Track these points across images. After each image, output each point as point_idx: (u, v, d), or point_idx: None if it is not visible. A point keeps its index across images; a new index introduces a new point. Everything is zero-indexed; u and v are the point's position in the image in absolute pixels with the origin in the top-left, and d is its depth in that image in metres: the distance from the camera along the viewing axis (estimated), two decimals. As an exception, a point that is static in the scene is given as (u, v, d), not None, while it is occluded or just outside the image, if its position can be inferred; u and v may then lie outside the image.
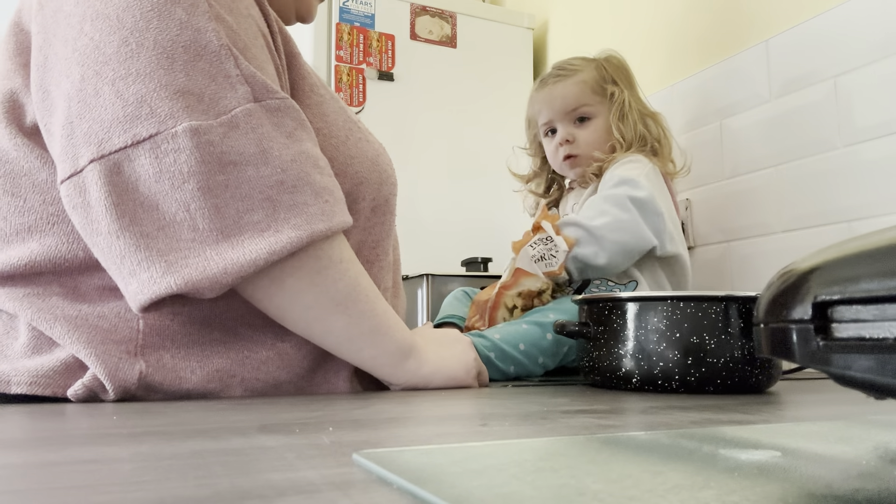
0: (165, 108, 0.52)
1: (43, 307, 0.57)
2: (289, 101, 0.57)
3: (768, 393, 0.65)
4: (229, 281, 0.52)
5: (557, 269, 0.98)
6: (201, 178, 0.52)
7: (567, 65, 1.23)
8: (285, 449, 0.31)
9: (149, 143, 0.52)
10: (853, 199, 1.09)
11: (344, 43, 1.76)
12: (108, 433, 0.37)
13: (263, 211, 0.53)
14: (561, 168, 1.24)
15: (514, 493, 0.21)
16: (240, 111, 0.54)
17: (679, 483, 0.23)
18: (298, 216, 0.54)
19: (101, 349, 0.55)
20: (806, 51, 1.18)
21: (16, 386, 0.55)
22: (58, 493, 0.23)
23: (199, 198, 0.52)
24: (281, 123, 0.56)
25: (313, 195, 0.56)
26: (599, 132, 1.18)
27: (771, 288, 0.26)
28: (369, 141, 0.71)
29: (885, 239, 0.22)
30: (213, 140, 0.52)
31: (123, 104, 0.52)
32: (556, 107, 1.20)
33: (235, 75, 0.54)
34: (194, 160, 0.52)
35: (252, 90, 0.55)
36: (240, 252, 0.52)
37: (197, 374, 0.58)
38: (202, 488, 0.23)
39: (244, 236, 0.53)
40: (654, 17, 1.58)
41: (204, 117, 0.53)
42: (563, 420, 0.43)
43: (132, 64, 0.53)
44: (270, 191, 0.54)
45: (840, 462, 0.27)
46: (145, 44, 0.53)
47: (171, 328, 0.58)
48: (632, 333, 0.66)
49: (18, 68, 0.60)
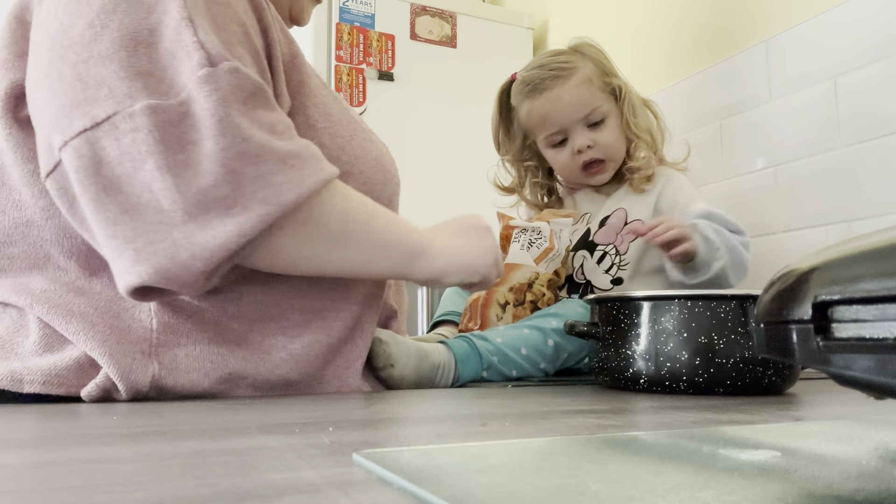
0: (124, 88, 0.51)
1: (59, 303, 0.56)
2: (242, 68, 0.54)
3: (769, 393, 0.65)
4: (201, 266, 0.51)
5: (549, 244, 0.98)
6: (160, 158, 0.50)
7: (558, 63, 1.09)
8: (285, 449, 0.31)
9: (107, 125, 0.50)
10: (853, 199, 1.09)
11: (344, 43, 1.76)
12: (108, 433, 0.37)
13: (228, 185, 0.51)
14: (578, 177, 1.13)
15: (514, 493, 0.21)
16: (195, 80, 0.52)
17: (679, 483, 0.23)
18: (266, 188, 0.52)
19: (116, 349, 0.55)
20: (806, 51, 1.18)
21: (29, 385, 0.54)
22: (58, 493, 0.23)
23: (159, 178, 0.50)
24: (239, 86, 0.53)
25: (277, 162, 0.53)
26: (617, 131, 1.09)
27: (771, 288, 0.26)
28: (373, 141, 0.71)
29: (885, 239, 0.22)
30: (172, 119, 0.51)
31: (84, 87, 0.51)
32: (568, 114, 1.07)
33: (192, 42, 0.52)
34: (153, 139, 0.50)
35: (208, 55, 0.52)
36: (209, 234, 0.51)
37: (210, 377, 0.58)
38: (202, 488, 0.23)
39: (210, 215, 0.51)
40: (654, 17, 1.58)
41: (164, 97, 0.51)
42: (563, 420, 0.43)
43: (94, 46, 0.52)
44: (233, 163, 0.51)
45: (840, 462, 0.27)
46: (110, 26, 0.52)
47: (186, 327, 0.58)
48: (640, 333, 0.66)
49: (15, 58, 0.59)
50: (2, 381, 0.55)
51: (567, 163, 1.11)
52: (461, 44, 1.92)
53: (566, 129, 1.09)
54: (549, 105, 1.08)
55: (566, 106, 1.07)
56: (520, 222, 1.02)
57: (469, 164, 1.89)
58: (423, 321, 1.49)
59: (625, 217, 1.09)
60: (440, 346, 0.80)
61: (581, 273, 1.10)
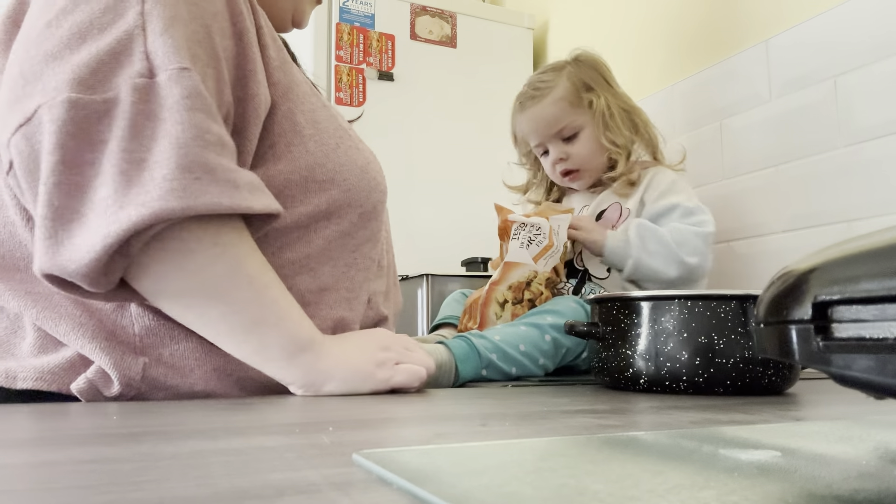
0: (55, 82, 0.50)
1: (47, 306, 0.57)
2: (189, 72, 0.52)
3: (769, 393, 0.65)
4: (75, 269, 0.48)
5: (548, 241, 0.99)
6: (66, 153, 0.49)
7: (539, 82, 1.20)
8: (285, 449, 0.31)
9: (35, 119, 0.50)
10: (853, 199, 1.09)
11: (344, 43, 1.76)
12: (108, 433, 0.37)
13: (113, 185, 0.48)
14: (563, 182, 1.24)
15: (514, 493, 0.21)
16: (129, 85, 0.50)
17: (679, 483, 0.23)
18: (150, 192, 0.48)
19: (106, 344, 0.56)
20: (806, 51, 1.18)
21: (21, 381, 0.56)
22: (58, 493, 0.23)
23: (58, 172, 0.49)
24: (168, 94, 0.51)
25: (180, 170, 0.49)
26: (590, 142, 1.18)
27: (771, 288, 0.26)
28: (359, 149, 0.70)
29: (885, 239, 0.22)
30: (90, 116, 0.49)
31: (24, 83, 0.51)
32: (541, 130, 1.20)
33: (139, 52, 0.51)
34: (65, 132, 0.48)
35: (150, 66, 0.51)
36: (81, 238, 0.48)
37: (196, 373, 0.59)
38: (202, 488, 0.23)
39: (88, 217, 0.49)
40: (654, 17, 1.58)
41: (89, 91, 0.50)
42: (563, 420, 0.43)
43: (44, 45, 0.52)
44: (128, 166, 0.49)
45: (840, 462, 0.27)
46: (63, 24, 0.52)
47: (166, 328, 0.59)
48: (640, 333, 0.66)
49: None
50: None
51: (550, 171, 1.24)
52: (461, 44, 1.92)
53: (544, 143, 1.22)
54: (527, 122, 1.22)
55: (540, 123, 1.20)
56: (518, 217, 1.03)
57: (469, 163, 1.89)
58: (422, 323, 1.49)
59: (620, 210, 1.17)
60: (439, 346, 0.80)
61: (580, 260, 1.16)
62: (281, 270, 0.62)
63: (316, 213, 0.65)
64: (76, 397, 0.56)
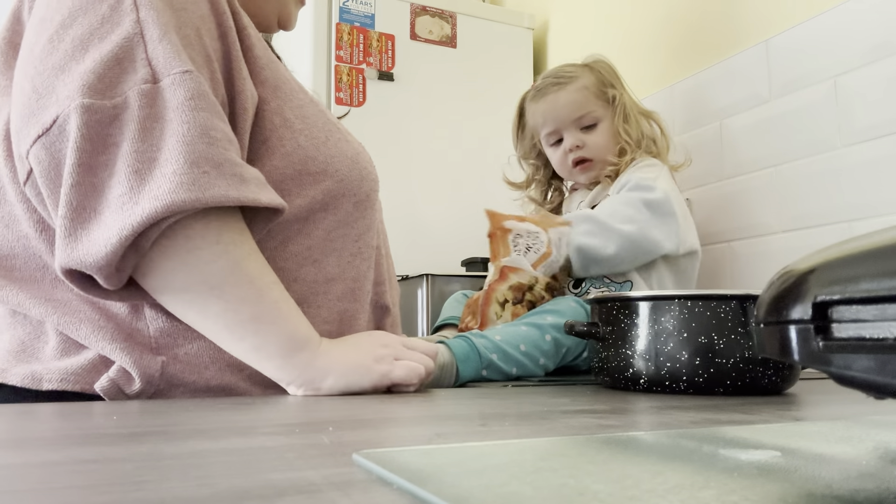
0: (67, 91, 0.53)
1: (67, 311, 0.60)
2: (191, 74, 0.55)
3: (769, 393, 0.65)
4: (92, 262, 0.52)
5: (546, 249, 0.98)
6: (82, 155, 0.52)
7: (562, 72, 1.23)
8: (285, 449, 0.31)
9: (55, 128, 0.53)
10: (853, 199, 1.09)
11: (344, 43, 1.76)
12: (109, 433, 0.37)
13: (127, 183, 0.51)
14: (571, 174, 1.24)
15: (514, 493, 0.21)
16: (136, 91, 0.53)
17: (679, 483, 0.23)
18: (162, 186, 0.51)
19: (125, 345, 0.58)
20: (806, 51, 1.18)
21: (47, 383, 0.58)
22: (58, 493, 0.23)
23: (76, 173, 0.52)
24: (172, 97, 0.54)
25: (189, 165, 0.52)
26: (607, 135, 1.20)
27: (771, 288, 0.26)
28: (349, 141, 0.72)
29: (885, 239, 0.22)
30: (103, 119, 0.53)
31: (38, 97, 0.54)
32: (562, 115, 1.20)
33: (141, 59, 0.54)
34: (80, 136, 0.52)
35: (153, 72, 0.54)
36: (98, 232, 0.52)
37: (210, 369, 0.61)
38: (203, 488, 0.23)
39: (104, 214, 0.52)
40: (654, 17, 1.58)
41: (98, 97, 0.53)
42: (563, 420, 0.43)
43: (50, 59, 0.55)
44: (141, 165, 0.52)
45: (840, 462, 0.27)
46: (65, 38, 0.55)
47: (179, 329, 0.61)
48: (640, 333, 0.66)
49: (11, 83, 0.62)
50: (24, 381, 0.59)
51: (561, 161, 1.24)
52: (461, 44, 1.92)
53: (560, 130, 1.22)
54: (547, 106, 1.22)
55: (562, 108, 1.21)
56: (513, 224, 1.01)
57: (469, 163, 1.89)
58: (423, 323, 1.49)
59: None
60: (440, 346, 0.80)
61: None
62: (286, 263, 0.64)
63: (313, 204, 0.67)
64: (99, 396, 0.58)
